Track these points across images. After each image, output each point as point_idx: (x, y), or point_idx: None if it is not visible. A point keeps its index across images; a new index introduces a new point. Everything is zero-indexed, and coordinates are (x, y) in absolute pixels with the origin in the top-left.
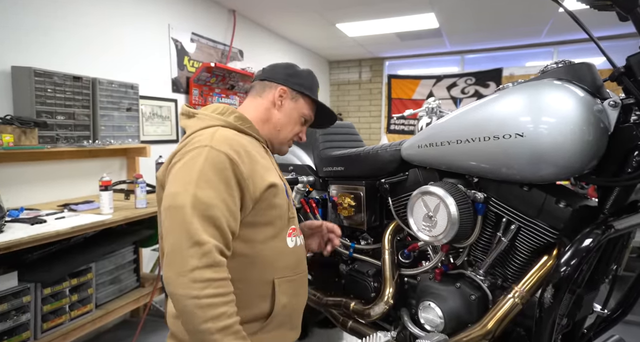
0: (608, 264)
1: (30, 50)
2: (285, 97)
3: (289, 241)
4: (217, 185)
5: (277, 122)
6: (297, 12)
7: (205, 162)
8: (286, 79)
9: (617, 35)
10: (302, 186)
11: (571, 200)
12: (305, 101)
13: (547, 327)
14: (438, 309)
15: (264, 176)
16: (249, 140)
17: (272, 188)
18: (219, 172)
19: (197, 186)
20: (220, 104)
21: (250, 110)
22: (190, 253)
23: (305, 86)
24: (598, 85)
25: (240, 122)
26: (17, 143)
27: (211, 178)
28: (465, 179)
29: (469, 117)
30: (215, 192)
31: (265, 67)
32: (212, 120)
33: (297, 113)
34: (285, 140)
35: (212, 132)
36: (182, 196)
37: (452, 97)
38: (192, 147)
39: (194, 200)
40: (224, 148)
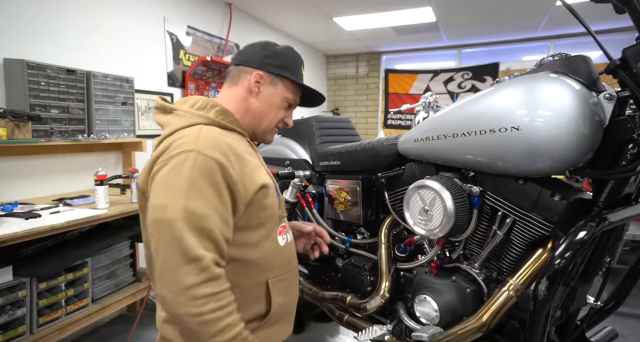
0: (602, 256)
1: (23, 42)
2: (262, 83)
3: (280, 239)
4: (208, 194)
5: (256, 112)
6: (294, 6)
7: (192, 169)
8: (262, 61)
9: (614, 28)
10: (299, 181)
11: (566, 193)
12: (286, 84)
13: (541, 319)
14: (434, 302)
15: (254, 178)
16: (234, 138)
17: (263, 189)
18: (209, 180)
19: (187, 197)
20: (198, 97)
21: (228, 101)
22: (186, 270)
23: (286, 67)
24: (594, 78)
25: (222, 117)
26: (10, 137)
27: (201, 187)
28: (461, 172)
29: (465, 110)
30: (207, 201)
31: (241, 48)
32: (193, 118)
33: (278, 98)
34: (268, 129)
35: (195, 133)
36: (171, 208)
37: (449, 91)
38: (176, 151)
39: (185, 213)
40: (211, 152)
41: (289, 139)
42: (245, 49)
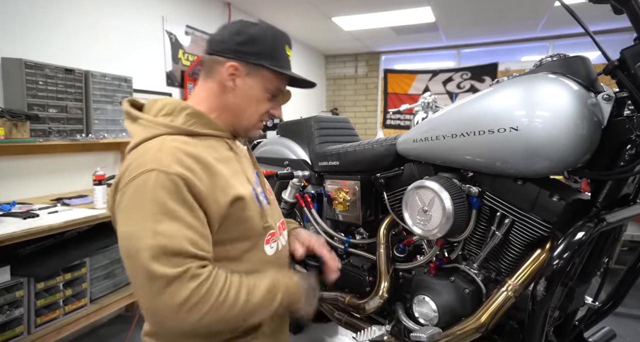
0: (600, 257)
1: (21, 41)
2: (238, 75)
3: (268, 248)
4: (178, 212)
5: (234, 108)
6: (292, 5)
7: (155, 189)
8: (236, 50)
9: (612, 29)
10: (298, 181)
11: (564, 194)
12: (267, 73)
13: (539, 320)
14: (432, 303)
15: (226, 190)
16: (206, 144)
17: (239, 201)
18: (175, 197)
19: (155, 220)
20: (168, 100)
21: (202, 99)
22: (168, 294)
23: (264, 54)
24: (592, 79)
25: (192, 121)
26: (8, 136)
27: (169, 206)
28: (460, 173)
29: (464, 111)
30: (178, 221)
31: (215, 32)
32: (156, 128)
33: (258, 90)
34: (250, 125)
35: (156, 148)
36: (140, 237)
37: (448, 91)
38: (136, 172)
39: (155, 241)
40: (173, 168)
41: (288, 139)
42: (217, 33)
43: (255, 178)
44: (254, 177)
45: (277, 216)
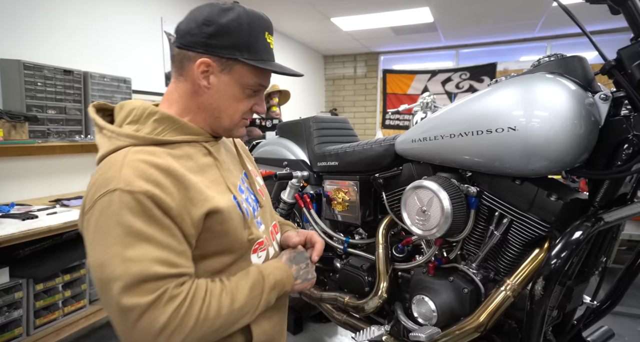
0: (598, 256)
1: (20, 43)
2: (211, 72)
3: (255, 258)
4: (147, 232)
5: (211, 109)
6: (291, 6)
7: (119, 211)
8: (207, 43)
9: (609, 29)
10: (297, 181)
11: (562, 193)
12: (244, 68)
13: (537, 319)
14: (431, 302)
15: (200, 203)
16: (178, 153)
17: (215, 215)
18: (143, 217)
19: (123, 246)
20: (136, 104)
21: (174, 100)
22: (145, 323)
23: (239, 46)
24: (589, 79)
25: (162, 128)
26: (7, 137)
27: (136, 228)
28: (458, 173)
29: (462, 111)
30: (148, 242)
31: (182, 19)
32: (119, 139)
33: (237, 87)
34: (231, 125)
35: (119, 164)
36: (109, 267)
37: (446, 92)
38: (99, 193)
39: (124, 269)
40: (137, 185)
41: (287, 139)
42: (185, 21)
43: (240, 182)
44: (239, 182)
45: (269, 218)
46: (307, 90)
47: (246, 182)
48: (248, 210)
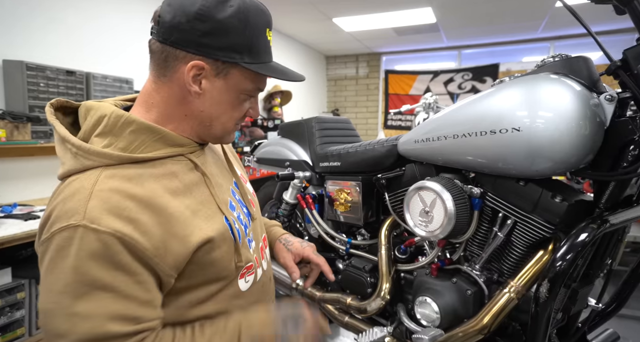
0: (603, 258)
1: (23, 44)
2: (203, 76)
3: (242, 282)
4: (109, 282)
5: (201, 116)
6: (293, 6)
7: (79, 254)
8: (201, 42)
9: (614, 30)
10: (299, 182)
11: (567, 195)
12: (243, 72)
13: (542, 322)
14: (434, 304)
15: (186, 239)
16: (159, 172)
17: (204, 246)
18: (107, 261)
19: (76, 297)
20: (107, 110)
21: (156, 103)
22: None
23: (240, 47)
24: (594, 79)
25: (140, 141)
26: (9, 138)
27: (95, 276)
28: (461, 174)
29: (465, 111)
30: (107, 293)
31: (163, 6)
32: (89, 158)
33: (234, 93)
34: (224, 133)
35: (86, 191)
36: (57, 315)
37: (449, 92)
38: (58, 225)
39: (74, 321)
40: (106, 223)
41: (289, 140)
42: (169, 11)
43: (231, 196)
44: (230, 196)
45: (260, 232)
46: (309, 91)
47: (237, 193)
48: (240, 230)
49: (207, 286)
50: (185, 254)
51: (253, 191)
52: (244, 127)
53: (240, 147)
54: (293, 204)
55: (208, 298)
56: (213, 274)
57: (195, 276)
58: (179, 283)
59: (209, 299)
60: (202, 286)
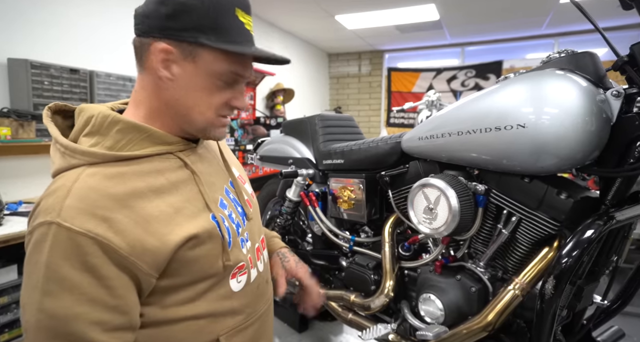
0: (608, 255)
1: (27, 42)
2: (173, 60)
3: (234, 283)
4: (77, 283)
5: (177, 106)
6: (296, 4)
7: (51, 251)
8: (164, 26)
9: (620, 26)
10: (302, 179)
11: (572, 191)
12: (211, 53)
13: (547, 319)
14: (438, 301)
15: (165, 235)
16: (145, 170)
17: (187, 242)
18: (77, 263)
19: (44, 293)
20: (96, 110)
21: (141, 101)
22: None
23: (204, 26)
24: (601, 75)
25: (127, 140)
26: (14, 136)
27: (65, 275)
28: (466, 171)
29: (469, 108)
30: (74, 295)
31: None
32: (74, 157)
33: (205, 76)
34: (206, 123)
35: (66, 189)
36: (28, 310)
37: (452, 90)
38: (38, 221)
39: (39, 318)
40: (79, 222)
41: (292, 137)
42: (143, 4)
43: (224, 195)
44: (223, 194)
45: (257, 233)
46: (312, 89)
47: (232, 192)
48: (230, 228)
49: (194, 285)
50: (165, 252)
51: (253, 192)
52: (246, 125)
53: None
54: (296, 201)
55: (197, 297)
56: (199, 272)
57: (179, 274)
58: (163, 282)
59: (198, 298)
60: (188, 285)
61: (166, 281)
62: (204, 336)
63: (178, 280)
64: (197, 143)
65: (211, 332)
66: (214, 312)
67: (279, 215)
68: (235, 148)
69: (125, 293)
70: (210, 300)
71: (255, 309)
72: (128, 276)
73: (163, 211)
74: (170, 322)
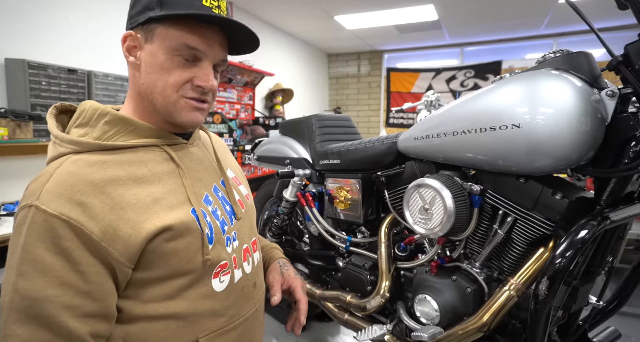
0: (604, 256)
1: (25, 42)
2: (139, 47)
3: (217, 283)
4: (50, 265)
5: (144, 90)
6: (295, 5)
7: (28, 233)
8: (130, 17)
9: (617, 26)
10: (299, 180)
11: (568, 192)
12: (162, 28)
13: (542, 320)
14: (434, 302)
15: (139, 223)
16: (129, 160)
17: (163, 234)
18: (51, 246)
19: (19, 274)
20: (87, 105)
21: (131, 96)
22: None
23: (152, 4)
24: (596, 75)
25: (115, 132)
26: (11, 137)
27: (39, 257)
28: (461, 171)
29: (465, 108)
30: (47, 277)
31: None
32: (63, 146)
33: (161, 54)
34: (168, 104)
35: (48, 175)
36: (4, 290)
37: (451, 90)
38: (20, 206)
39: (13, 296)
40: (54, 205)
41: (290, 137)
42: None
43: (212, 192)
44: (210, 191)
45: (248, 234)
46: (311, 89)
47: (222, 190)
48: (213, 225)
49: (172, 280)
50: (138, 241)
51: (250, 194)
52: (245, 125)
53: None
54: (293, 202)
55: (176, 294)
56: (176, 266)
57: (156, 266)
58: (139, 274)
59: (178, 295)
60: (166, 279)
61: (142, 274)
62: (184, 337)
63: (155, 273)
64: (189, 141)
65: (190, 333)
66: (194, 312)
67: (276, 215)
68: (234, 149)
69: (99, 280)
70: (191, 299)
71: (238, 312)
72: (102, 263)
73: (141, 199)
74: (149, 319)
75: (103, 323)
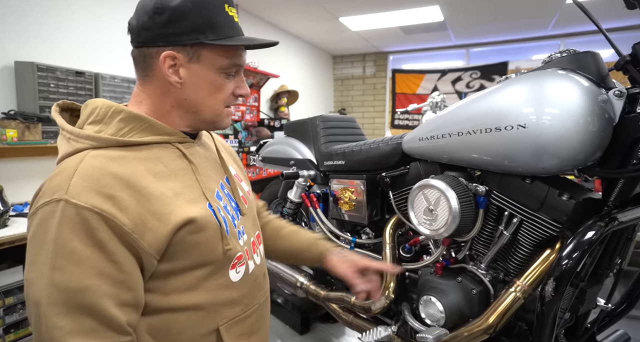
0: (612, 257)
1: (33, 45)
2: (179, 65)
3: (233, 273)
4: (86, 256)
5: (186, 104)
6: (300, 6)
7: (59, 227)
8: (165, 33)
9: (625, 26)
10: (303, 180)
11: (574, 192)
12: (212, 50)
13: (548, 322)
14: (439, 303)
15: (165, 217)
16: (145, 156)
17: (187, 226)
18: (85, 237)
19: (54, 267)
20: (100, 102)
21: (143, 99)
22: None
23: (201, 27)
24: (603, 75)
25: (129, 128)
26: (20, 138)
27: (74, 249)
28: (466, 172)
29: (470, 109)
30: (84, 268)
31: (132, 16)
32: (79, 141)
33: (211, 73)
34: (215, 116)
35: (71, 169)
36: (36, 284)
37: (457, 91)
38: (43, 200)
39: (51, 290)
40: (85, 198)
41: (294, 138)
42: (135, 16)
43: (219, 188)
44: (218, 187)
45: (252, 228)
46: (316, 91)
47: (227, 187)
48: (226, 218)
49: (193, 271)
50: (166, 232)
51: (250, 190)
52: (250, 127)
53: (247, 146)
54: (298, 202)
55: (196, 285)
56: (198, 256)
57: (179, 258)
58: (163, 265)
59: (198, 286)
60: (187, 270)
61: (166, 265)
62: (205, 326)
63: (177, 264)
64: (196, 139)
65: (211, 322)
66: (213, 302)
67: (281, 216)
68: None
69: (131, 269)
70: (210, 289)
71: (252, 301)
72: (131, 253)
73: (163, 192)
74: (172, 310)
75: (136, 312)
